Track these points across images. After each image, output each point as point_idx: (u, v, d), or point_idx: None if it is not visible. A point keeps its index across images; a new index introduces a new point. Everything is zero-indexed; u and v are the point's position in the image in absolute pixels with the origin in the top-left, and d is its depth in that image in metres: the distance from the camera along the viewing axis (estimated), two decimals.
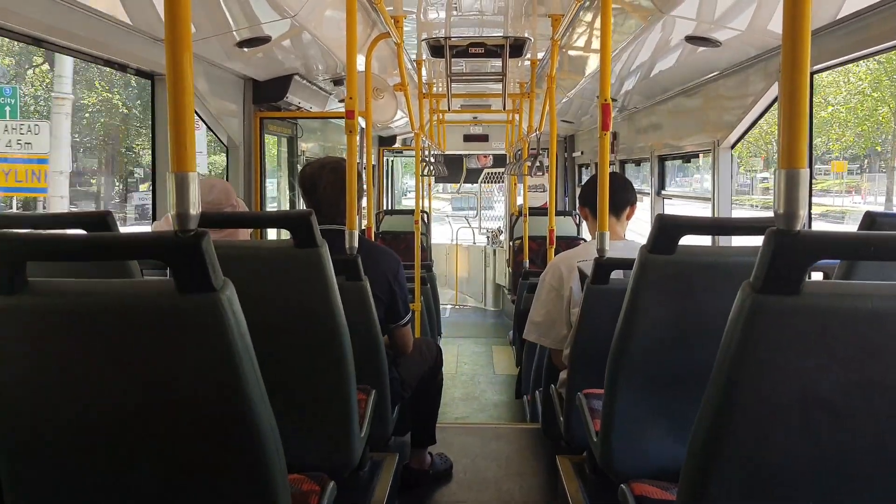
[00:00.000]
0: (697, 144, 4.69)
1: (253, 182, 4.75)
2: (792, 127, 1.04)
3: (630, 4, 3.41)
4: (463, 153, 11.19)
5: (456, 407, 5.73)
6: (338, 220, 2.61)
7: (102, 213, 1.99)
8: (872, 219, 1.74)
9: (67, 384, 1.23)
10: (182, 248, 1.13)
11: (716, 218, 3.93)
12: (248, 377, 1.21)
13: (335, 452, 2.07)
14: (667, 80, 4.77)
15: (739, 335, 1.09)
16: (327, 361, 1.96)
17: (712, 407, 1.15)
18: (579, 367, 2.45)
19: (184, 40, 1.15)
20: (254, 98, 4.71)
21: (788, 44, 1.04)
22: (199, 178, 1.19)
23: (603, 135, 2.48)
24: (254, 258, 1.88)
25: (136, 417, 1.26)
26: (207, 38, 3.47)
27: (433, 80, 6.75)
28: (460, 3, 4.02)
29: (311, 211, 1.83)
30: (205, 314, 1.16)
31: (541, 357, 3.64)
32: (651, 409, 1.89)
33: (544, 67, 5.48)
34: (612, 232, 2.73)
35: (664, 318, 1.78)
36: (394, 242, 8.30)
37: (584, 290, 2.37)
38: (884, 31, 2.54)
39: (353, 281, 2.31)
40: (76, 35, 2.79)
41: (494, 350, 7.88)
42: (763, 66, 3.56)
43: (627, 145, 6.67)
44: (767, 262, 1.05)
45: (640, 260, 1.76)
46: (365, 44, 4.05)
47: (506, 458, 3.53)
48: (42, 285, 1.19)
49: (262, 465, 1.28)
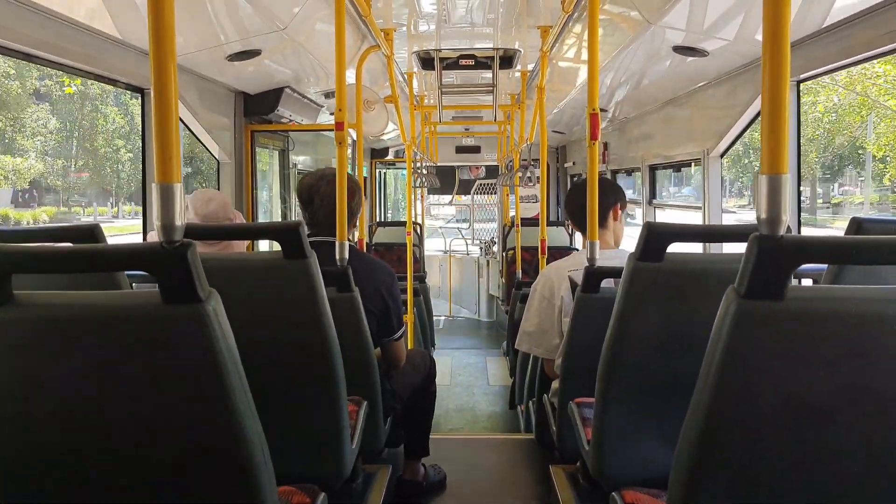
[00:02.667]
0: (687, 154, 4.71)
1: (244, 195, 4.76)
2: (773, 133, 1.05)
3: (618, 15, 3.44)
4: (455, 164, 11.22)
5: (450, 418, 5.71)
6: (335, 232, 2.61)
7: (90, 226, 1.98)
8: (859, 224, 1.76)
9: (53, 395, 1.23)
10: (167, 258, 1.13)
11: (703, 225, 3.95)
12: (234, 387, 1.21)
13: (326, 464, 2.06)
14: (656, 89, 4.81)
15: (725, 340, 1.10)
16: (317, 372, 1.95)
17: (699, 412, 1.15)
18: (571, 376, 2.45)
19: (168, 51, 1.16)
20: (245, 111, 4.73)
21: (769, 51, 1.05)
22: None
23: (592, 144, 2.48)
24: (242, 269, 1.88)
25: (122, 428, 1.25)
26: (198, 51, 3.48)
27: (424, 92, 6.78)
28: (450, 16, 4.04)
29: (300, 222, 1.83)
30: (191, 325, 1.16)
31: (534, 367, 3.63)
32: (642, 417, 1.89)
33: (534, 78, 5.51)
34: (601, 240, 2.72)
35: (654, 326, 1.78)
36: (387, 254, 8.30)
37: (574, 299, 2.37)
38: (868, 39, 2.56)
39: (343, 292, 2.30)
40: (67, 50, 2.79)
41: (488, 361, 7.86)
42: (751, 75, 3.59)
43: (618, 155, 6.70)
44: (751, 268, 1.06)
45: (628, 268, 1.76)
46: (355, 56, 4.07)
47: (500, 469, 3.52)
48: (27, 298, 1.19)
49: (251, 477, 1.27)
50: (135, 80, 3.40)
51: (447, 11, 3.94)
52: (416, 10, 3.93)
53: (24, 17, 2.51)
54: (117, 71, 3.20)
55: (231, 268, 1.86)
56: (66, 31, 2.74)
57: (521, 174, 6.10)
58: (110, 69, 3.15)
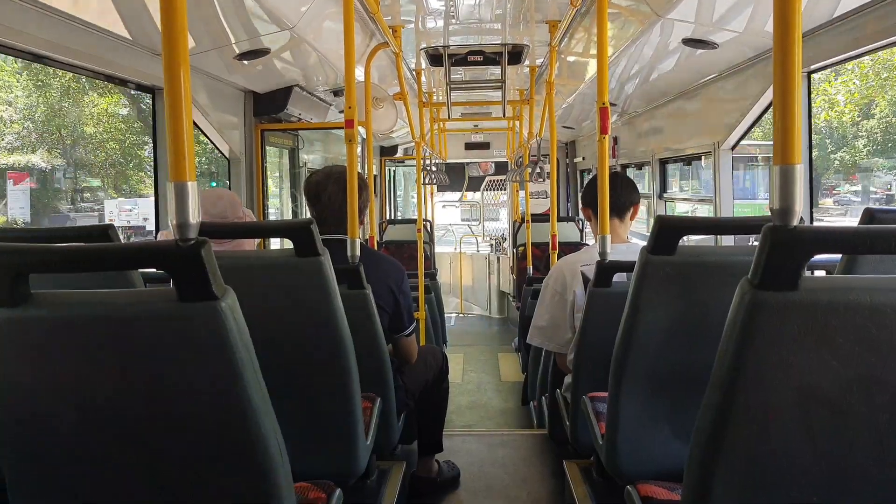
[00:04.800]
0: (698, 147, 4.69)
1: (255, 194, 4.77)
2: (785, 124, 1.05)
3: (627, 9, 3.42)
4: (464, 161, 11.21)
5: (462, 414, 5.72)
6: (342, 229, 2.61)
7: (104, 226, 2.00)
8: (871, 214, 1.74)
9: (70, 394, 1.24)
10: (183, 256, 1.14)
11: (714, 217, 3.93)
12: (251, 385, 1.22)
13: (341, 460, 2.07)
14: (666, 83, 4.79)
15: (738, 332, 1.09)
16: (331, 369, 1.96)
17: (713, 404, 1.15)
18: (584, 371, 2.45)
19: (181, 51, 1.16)
20: (254, 110, 4.74)
21: (780, 41, 1.05)
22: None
23: (602, 138, 2.48)
24: (255, 268, 1.89)
25: (139, 426, 1.26)
26: (207, 51, 3.49)
27: (433, 89, 6.78)
28: (458, 12, 4.04)
29: (311, 220, 1.83)
30: (207, 322, 1.17)
31: (546, 362, 3.64)
32: (656, 410, 1.89)
33: (543, 73, 5.50)
34: (615, 234, 2.71)
35: (666, 319, 1.78)
36: (397, 252, 8.31)
37: (586, 293, 2.37)
38: (879, 30, 2.55)
39: (355, 289, 2.31)
40: (78, 51, 2.81)
41: (500, 357, 7.86)
42: (761, 67, 3.57)
43: (628, 149, 6.68)
44: (765, 258, 1.06)
45: (640, 261, 1.76)
46: (364, 54, 4.08)
47: (513, 465, 3.52)
48: (44, 297, 1.20)
49: (268, 473, 1.28)
50: (146, 80, 3.42)
51: (455, 7, 3.94)
52: (424, 7, 3.93)
53: (37, 20, 2.53)
54: (128, 71, 3.22)
55: (244, 266, 1.86)
56: (79, 33, 2.75)
57: (530, 170, 6.10)
58: (122, 70, 3.17)
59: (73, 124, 16.57)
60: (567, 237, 7.77)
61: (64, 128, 16.45)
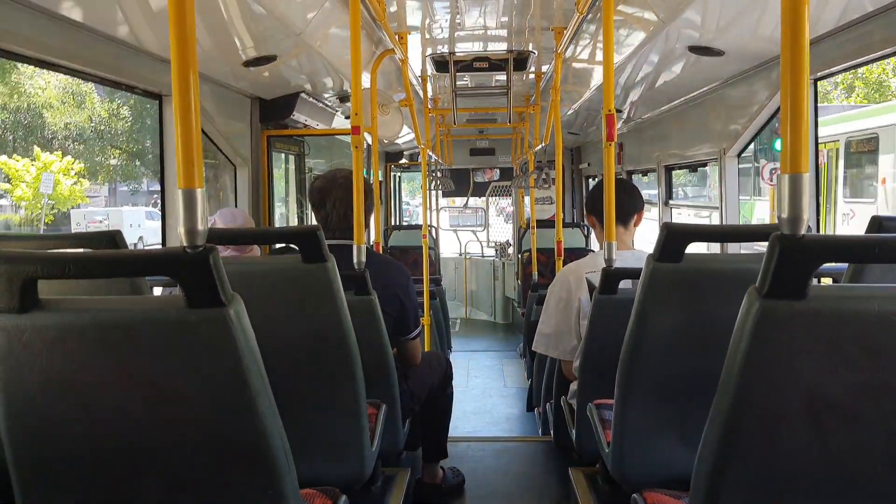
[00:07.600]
0: (704, 154, 4.69)
1: (261, 200, 4.78)
2: (793, 132, 1.05)
3: (632, 16, 3.43)
4: (469, 167, 11.22)
5: (467, 421, 5.71)
6: (347, 234, 2.61)
7: (111, 232, 2.00)
8: (879, 223, 1.74)
9: (79, 399, 1.24)
10: (191, 263, 1.15)
11: (722, 225, 3.93)
12: (258, 391, 1.22)
13: (347, 467, 2.07)
14: (671, 90, 4.78)
15: (747, 340, 1.09)
16: (337, 376, 1.96)
17: (721, 413, 1.15)
18: (589, 378, 2.45)
19: (189, 58, 1.17)
20: (261, 116, 4.75)
21: (787, 49, 1.05)
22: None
23: (608, 145, 2.48)
24: (262, 274, 1.89)
25: (147, 432, 1.26)
26: (214, 57, 3.51)
27: (438, 95, 6.79)
28: (464, 19, 4.05)
29: (318, 226, 1.84)
30: (214, 328, 1.17)
31: (551, 369, 3.63)
32: (662, 418, 1.89)
33: (548, 80, 5.50)
34: (620, 241, 2.71)
35: (673, 326, 1.78)
36: (402, 257, 8.31)
37: (592, 300, 2.37)
38: (885, 37, 2.54)
39: (361, 295, 2.31)
40: (84, 57, 2.82)
41: (505, 363, 7.85)
42: (767, 74, 3.57)
43: (634, 156, 6.67)
44: (773, 267, 1.06)
45: (647, 268, 1.76)
46: (370, 60, 4.09)
47: (518, 472, 3.51)
48: (53, 303, 1.20)
49: (274, 480, 1.28)
50: (153, 87, 3.43)
51: (461, 14, 3.95)
52: (430, 14, 3.95)
53: (44, 26, 2.54)
54: (135, 78, 3.23)
55: (251, 272, 1.87)
56: (86, 40, 2.76)
57: (535, 176, 6.10)
58: (128, 76, 3.18)
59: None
60: (572, 243, 7.77)
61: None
